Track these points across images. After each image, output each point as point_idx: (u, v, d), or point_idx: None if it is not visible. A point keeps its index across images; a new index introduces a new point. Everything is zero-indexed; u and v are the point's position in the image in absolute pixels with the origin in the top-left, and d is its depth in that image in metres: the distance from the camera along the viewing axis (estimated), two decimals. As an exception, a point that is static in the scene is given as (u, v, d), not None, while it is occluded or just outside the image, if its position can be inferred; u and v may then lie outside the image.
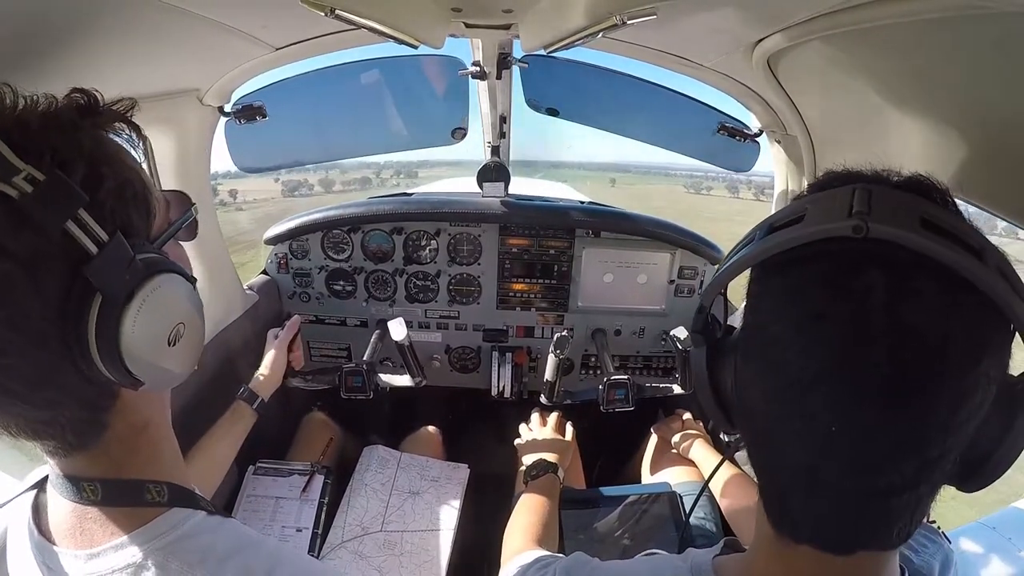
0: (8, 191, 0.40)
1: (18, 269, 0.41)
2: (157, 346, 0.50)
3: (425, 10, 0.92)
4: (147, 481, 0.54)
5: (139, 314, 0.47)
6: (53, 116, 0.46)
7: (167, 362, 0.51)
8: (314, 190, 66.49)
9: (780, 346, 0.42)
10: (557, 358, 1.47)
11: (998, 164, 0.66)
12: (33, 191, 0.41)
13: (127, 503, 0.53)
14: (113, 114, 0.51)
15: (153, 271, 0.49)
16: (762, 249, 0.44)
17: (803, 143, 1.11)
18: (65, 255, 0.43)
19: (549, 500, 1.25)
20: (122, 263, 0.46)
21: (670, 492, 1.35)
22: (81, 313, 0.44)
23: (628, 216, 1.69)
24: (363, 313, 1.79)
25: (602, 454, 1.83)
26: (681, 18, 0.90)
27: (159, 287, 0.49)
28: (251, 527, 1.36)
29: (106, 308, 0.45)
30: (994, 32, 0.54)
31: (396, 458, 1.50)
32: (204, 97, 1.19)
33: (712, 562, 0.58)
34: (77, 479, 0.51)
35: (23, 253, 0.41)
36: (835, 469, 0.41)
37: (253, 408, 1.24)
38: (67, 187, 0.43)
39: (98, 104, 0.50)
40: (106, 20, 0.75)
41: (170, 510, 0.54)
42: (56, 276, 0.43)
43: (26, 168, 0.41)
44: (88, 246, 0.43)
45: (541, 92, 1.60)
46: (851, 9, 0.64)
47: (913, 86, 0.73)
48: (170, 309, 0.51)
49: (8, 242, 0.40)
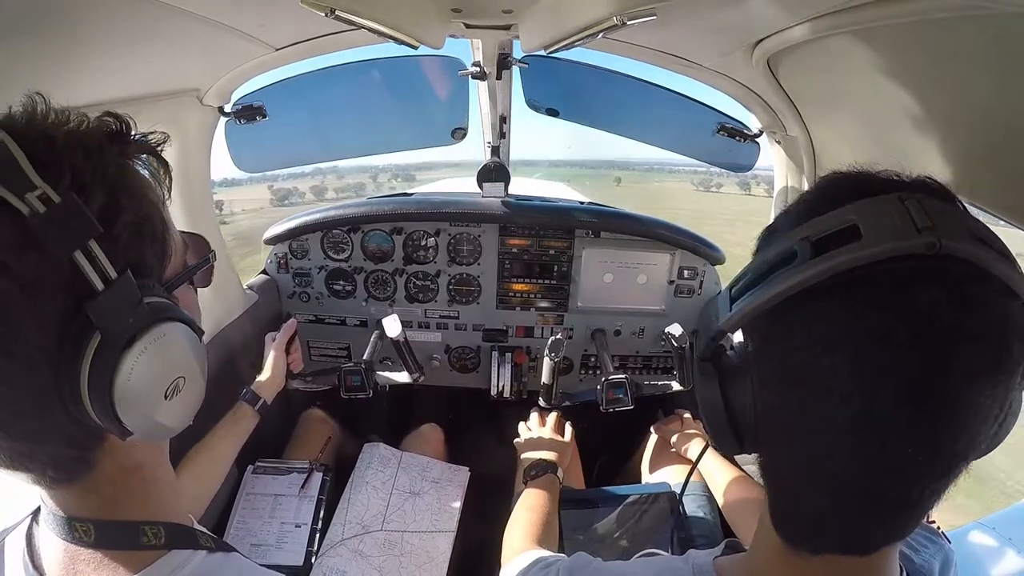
0: (20, 207, 0.38)
1: (17, 290, 0.39)
2: (152, 398, 0.46)
3: (425, 10, 0.92)
4: (143, 522, 0.51)
5: (138, 361, 0.44)
6: (80, 135, 0.44)
7: (160, 415, 0.47)
8: (305, 197, 62.72)
9: (831, 374, 0.40)
10: (552, 361, 1.47)
11: (997, 164, 0.66)
12: (46, 212, 0.39)
13: (122, 546, 0.49)
14: (143, 145, 0.49)
15: (159, 317, 0.46)
16: (817, 272, 0.39)
17: (803, 143, 1.11)
18: (69, 285, 0.41)
19: (548, 500, 1.25)
20: (128, 304, 0.44)
21: (670, 492, 1.35)
22: (77, 349, 0.42)
23: (628, 216, 1.69)
24: (363, 313, 1.79)
25: (602, 454, 1.83)
26: (681, 18, 0.90)
27: (163, 335, 0.46)
28: (250, 524, 1.37)
29: (104, 349, 0.42)
30: (994, 32, 0.54)
31: (397, 457, 1.50)
32: (204, 97, 1.19)
33: (713, 563, 0.57)
34: (69, 518, 0.48)
35: (25, 274, 0.39)
36: (889, 482, 0.41)
37: (255, 409, 1.25)
38: (81, 214, 0.40)
39: (129, 131, 0.48)
40: (106, 20, 0.75)
41: (169, 552, 0.51)
42: (56, 305, 0.41)
43: (42, 186, 0.39)
44: (94, 281, 0.41)
45: (541, 92, 1.60)
46: (851, 9, 0.64)
47: (913, 86, 0.73)
48: (172, 360, 0.48)
49: (11, 260, 0.38)
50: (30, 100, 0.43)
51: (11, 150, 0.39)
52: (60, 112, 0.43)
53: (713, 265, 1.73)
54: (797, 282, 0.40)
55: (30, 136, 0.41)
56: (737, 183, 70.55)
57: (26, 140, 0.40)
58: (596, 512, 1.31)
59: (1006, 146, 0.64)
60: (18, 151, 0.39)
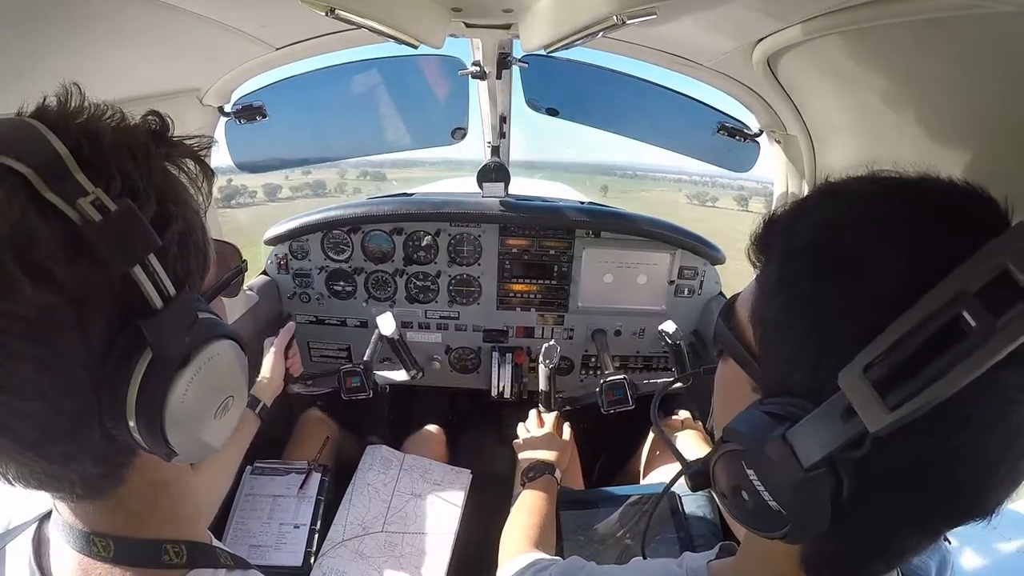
0: (69, 212, 0.34)
1: (64, 304, 0.35)
2: (204, 418, 0.44)
3: (425, 10, 0.92)
4: (165, 541, 0.48)
5: (193, 381, 0.42)
6: (127, 134, 0.40)
7: (208, 435, 0.45)
8: (256, 197, 53.34)
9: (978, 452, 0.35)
10: (547, 368, 1.48)
11: (997, 164, 0.66)
12: (102, 221, 0.35)
13: (142, 564, 0.47)
14: (187, 148, 0.45)
15: (214, 335, 0.44)
16: (1005, 345, 0.30)
17: (803, 143, 1.11)
18: (120, 300, 0.38)
19: (546, 501, 1.25)
20: (185, 322, 0.41)
21: (670, 493, 1.35)
22: (125, 369, 0.38)
23: (628, 216, 1.69)
24: (363, 313, 1.79)
25: (601, 454, 1.83)
26: (681, 18, 0.90)
27: (217, 354, 0.44)
28: (249, 525, 1.37)
29: (156, 369, 0.39)
30: (994, 32, 0.54)
31: (399, 459, 1.50)
32: (204, 97, 1.19)
33: (708, 567, 0.57)
34: (87, 532, 0.46)
35: (73, 287, 0.35)
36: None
37: (256, 413, 1.25)
38: (142, 226, 0.37)
39: (169, 131, 0.44)
40: (106, 20, 0.75)
41: (190, 572, 0.49)
42: (104, 321, 0.37)
43: (95, 192, 0.35)
44: (153, 298, 0.38)
45: (541, 92, 1.60)
46: (851, 9, 0.64)
47: (913, 86, 0.73)
48: (225, 379, 0.46)
49: (58, 271, 0.34)
50: (64, 90, 0.39)
51: (54, 147, 0.36)
52: (97, 106, 0.40)
53: (713, 265, 1.73)
54: (982, 364, 0.30)
55: (71, 132, 0.37)
56: (734, 198, 62.53)
57: (68, 136, 0.36)
58: (596, 512, 1.31)
59: (1006, 146, 0.64)
60: (63, 148, 0.36)
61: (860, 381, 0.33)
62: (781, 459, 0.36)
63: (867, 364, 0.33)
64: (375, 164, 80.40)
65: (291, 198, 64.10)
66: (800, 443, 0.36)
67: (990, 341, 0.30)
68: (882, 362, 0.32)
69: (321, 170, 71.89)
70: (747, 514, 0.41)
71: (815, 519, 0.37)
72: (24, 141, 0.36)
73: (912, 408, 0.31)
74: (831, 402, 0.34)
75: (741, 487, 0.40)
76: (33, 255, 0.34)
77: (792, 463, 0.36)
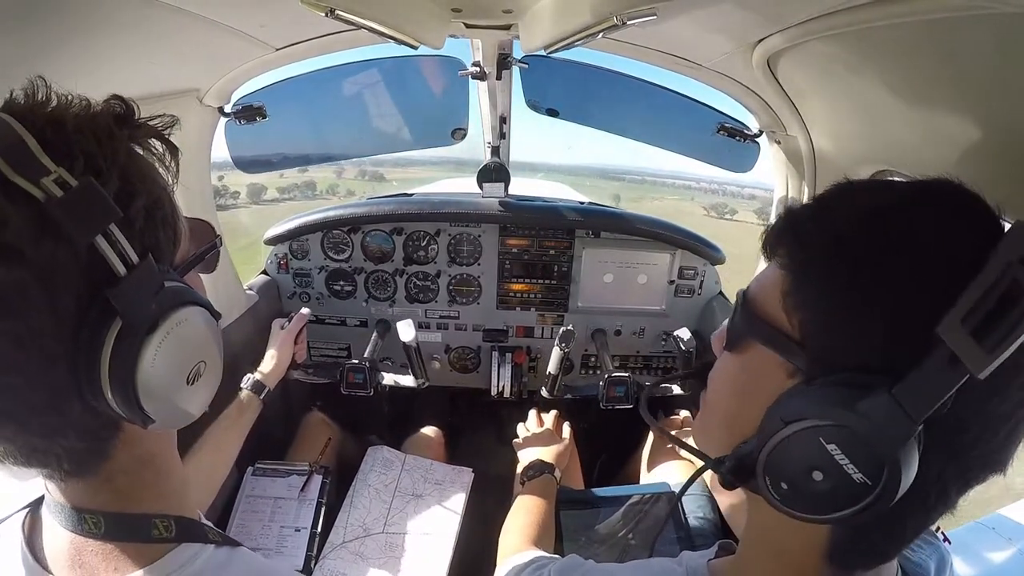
0: (34, 192, 0.36)
1: (33, 279, 0.37)
2: (176, 383, 0.46)
3: (425, 10, 0.92)
4: (154, 515, 0.50)
5: (161, 346, 0.43)
6: (89, 119, 0.42)
7: (183, 401, 0.47)
8: (239, 199, 52.00)
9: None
10: (562, 351, 1.47)
11: (997, 164, 0.66)
12: (63, 196, 0.37)
13: (132, 539, 0.49)
14: (150, 129, 0.47)
15: (180, 301, 0.45)
16: None
17: (803, 143, 1.11)
18: (87, 272, 0.39)
19: (545, 501, 1.25)
20: (150, 289, 0.43)
21: (670, 492, 1.35)
22: (96, 338, 0.40)
23: (628, 216, 1.69)
24: (363, 313, 1.79)
25: (601, 454, 1.83)
26: (681, 18, 0.90)
27: (186, 319, 0.45)
28: (250, 527, 1.37)
29: (125, 336, 0.41)
30: (994, 32, 0.54)
31: (400, 460, 1.50)
32: (204, 97, 1.19)
33: (708, 566, 0.57)
34: (78, 509, 0.47)
35: (40, 262, 0.37)
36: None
37: (261, 398, 1.24)
38: (101, 198, 0.39)
39: (134, 115, 0.46)
40: (106, 20, 0.75)
41: (179, 546, 0.51)
42: (73, 293, 0.39)
43: (57, 170, 0.37)
44: (116, 266, 0.40)
45: (541, 93, 1.60)
46: (851, 9, 0.64)
47: (913, 86, 0.73)
48: (194, 345, 0.47)
49: (26, 248, 0.36)
50: (31, 84, 0.42)
51: (19, 133, 0.37)
52: (63, 96, 0.42)
53: (713, 265, 1.73)
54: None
55: (36, 120, 0.39)
56: (754, 211, 57.50)
57: (33, 124, 0.39)
58: (596, 512, 1.31)
59: (1006, 146, 0.64)
60: (27, 134, 0.38)
61: (960, 332, 0.36)
62: (887, 420, 0.38)
63: (962, 318, 0.36)
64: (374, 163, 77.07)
65: (277, 200, 59.78)
66: (908, 398, 0.38)
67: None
68: (971, 317, 0.35)
69: (316, 170, 67.78)
70: (815, 497, 0.41)
71: (907, 478, 0.39)
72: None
73: (1005, 349, 0.35)
74: (935, 356, 0.37)
75: (815, 468, 0.40)
76: (3, 236, 0.36)
77: (902, 421, 0.38)
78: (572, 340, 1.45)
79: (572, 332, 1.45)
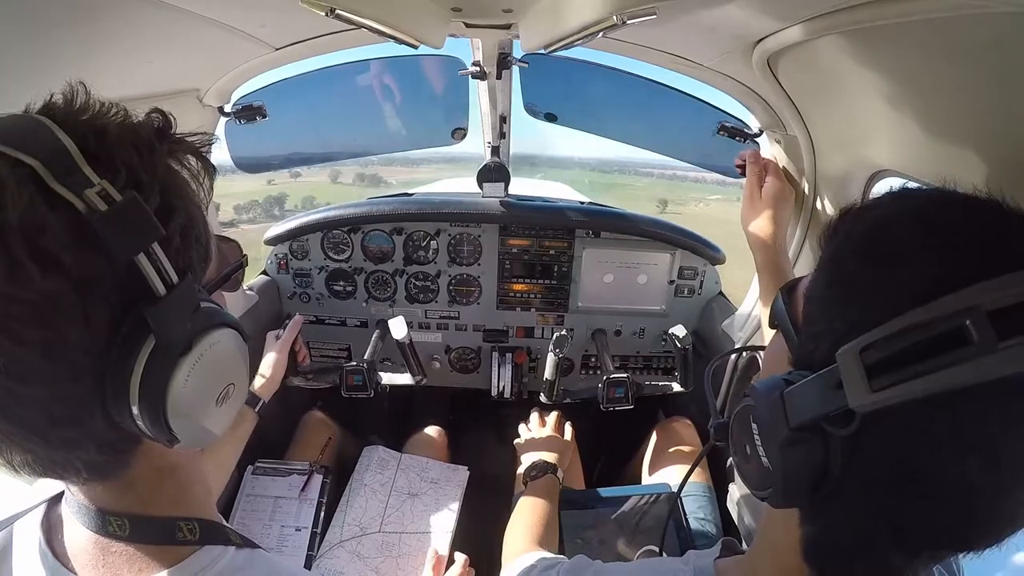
0: (76, 203, 0.36)
1: (69, 289, 0.36)
2: (206, 404, 0.46)
3: (425, 10, 0.92)
4: (178, 518, 0.50)
5: (195, 368, 0.43)
6: (131, 131, 0.42)
7: (209, 422, 0.47)
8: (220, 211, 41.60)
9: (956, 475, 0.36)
10: (557, 357, 1.47)
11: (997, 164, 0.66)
12: (107, 211, 0.36)
13: (157, 541, 0.49)
14: (189, 145, 0.47)
15: (216, 323, 0.45)
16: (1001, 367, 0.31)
17: (803, 143, 1.11)
18: (124, 287, 0.39)
19: (549, 501, 1.25)
20: (187, 310, 0.43)
21: (670, 492, 1.35)
22: (129, 355, 0.39)
23: (628, 216, 1.69)
24: (363, 313, 1.79)
25: (602, 455, 1.83)
26: (681, 18, 0.90)
27: (219, 341, 0.45)
28: (250, 527, 1.37)
29: (159, 355, 0.40)
30: (993, 32, 0.54)
31: (396, 459, 1.50)
32: (204, 97, 1.19)
33: (714, 564, 0.57)
34: (102, 511, 0.47)
35: (78, 273, 0.36)
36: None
37: (255, 411, 1.24)
38: (146, 215, 0.39)
39: (171, 128, 0.46)
40: (106, 20, 0.75)
41: (202, 548, 0.51)
42: (108, 308, 0.39)
43: (101, 183, 0.37)
44: (156, 285, 0.39)
45: (540, 96, 1.60)
46: (851, 9, 0.64)
47: (913, 86, 0.73)
48: (226, 367, 0.47)
49: (65, 258, 0.35)
50: (70, 88, 0.41)
51: (61, 140, 0.37)
52: (102, 103, 0.41)
53: (713, 265, 1.73)
54: (972, 377, 0.31)
55: (78, 127, 0.39)
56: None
57: (74, 130, 0.38)
58: (596, 513, 1.31)
59: (1006, 146, 0.64)
60: (68, 141, 0.37)
61: (854, 359, 0.35)
62: (774, 415, 0.41)
63: (866, 345, 0.35)
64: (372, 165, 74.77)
65: (233, 221, 43.96)
66: (791, 403, 0.40)
67: (987, 358, 0.30)
68: (880, 347, 0.34)
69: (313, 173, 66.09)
70: (746, 469, 0.45)
71: (796, 483, 0.40)
72: (33, 135, 0.37)
73: (892, 395, 0.33)
74: (825, 373, 0.38)
75: (746, 442, 0.44)
76: (42, 243, 0.35)
77: (782, 420, 0.40)
78: (566, 345, 1.46)
79: (566, 337, 1.46)
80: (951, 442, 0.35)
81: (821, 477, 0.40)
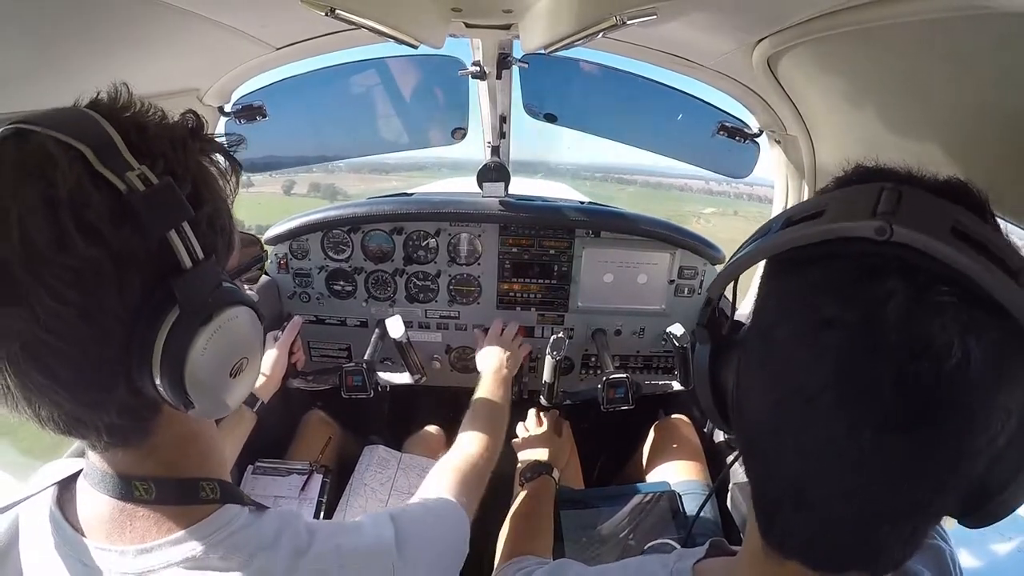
0: (118, 184, 0.41)
1: (108, 260, 0.41)
2: (220, 374, 0.49)
3: (425, 10, 0.92)
4: (201, 479, 0.54)
5: (212, 338, 0.47)
6: (167, 128, 0.47)
7: (223, 392, 0.51)
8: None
9: (783, 353, 0.39)
10: (554, 359, 1.47)
11: (997, 164, 0.66)
12: (145, 191, 0.41)
13: (182, 501, 0.53)
14: (218, 145, 0.52)
15: (234, 300, 0.50)
16: (773, 244, 0.41)
17: (803, 143, 1.11)
18: (156, 260, 0.43)
19: (543, 502, 1.25)
20: (209, 285, 0.47)
21: (670, 492, 1.35)
22: (155, 322, 0.44)
23: (628, 216, 1.69)
24: (363, 313, 1.79)
25: (601, 454, 1.83)
26: (681, 18, 0.90)
27: (236, 317, 0.50)
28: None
29: (182, 324, 0.45)
30: (994, 32, 0.54)
31: (396, 459, 1.50)
32: (204, 97, 1.19)
33: (692, 568, 0.56)
34: (126, 477, 0.51)
35: (117, 246, 0.41)
36: (824, 491, 0.38)
37: (253, 411, 1.24)
38: (178, 197, 0.44)
39: (203, 129, 0.51)
40: (106, 20, 0.75)
41: (223, 507, 0.55)
42: (141, 279, 0.43)
43: (140, 168, 0.42)
44: (184, 259, 0.44)
45: (539, 97, 1.60)
46: (851, 9, 0.64)
47: (913, 86, 0.73)
48: (241, 341, 0.51)
49: (106, 231, 0.40)
50: (114, 88, 0.47)
51: (107, 131, 0.42)
52: (143, 103, 0.47)
53: (713, 264, 1.73)
54: (758, 252, 0.43)
55: (122, 122, 0.44)
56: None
57: (118, 124, 0.43)
58: (596, 512, 1.31)
59: (1006, 146, 0.64)
60: (113, 132, 0.42)
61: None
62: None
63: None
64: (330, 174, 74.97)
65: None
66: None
67: (768, 238, 0.43)
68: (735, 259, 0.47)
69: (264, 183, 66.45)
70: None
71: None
72: (82, 125, 0.42)
73: (719, 273, 0.50)
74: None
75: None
76: (87, 216, 0.40)
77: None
78: (563, 347, 1.46)
79: (563, 339, 1.46)
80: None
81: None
